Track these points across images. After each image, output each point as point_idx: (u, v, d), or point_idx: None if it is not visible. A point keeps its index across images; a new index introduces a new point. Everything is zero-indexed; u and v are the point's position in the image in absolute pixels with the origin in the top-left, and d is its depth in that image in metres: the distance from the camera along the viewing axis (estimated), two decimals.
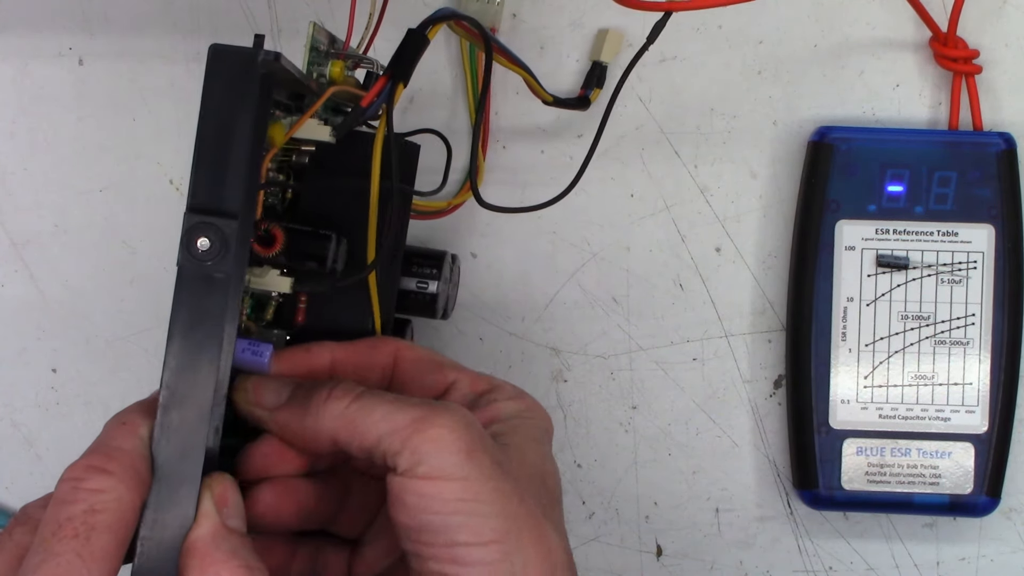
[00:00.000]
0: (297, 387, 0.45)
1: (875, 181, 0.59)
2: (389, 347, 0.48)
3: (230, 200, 0.41)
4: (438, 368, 0.48)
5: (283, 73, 0.42)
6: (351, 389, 0.44)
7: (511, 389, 0.48)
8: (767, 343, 0.62)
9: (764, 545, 0.62)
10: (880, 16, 0.61)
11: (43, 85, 0.62)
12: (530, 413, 0.47)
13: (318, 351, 0.48)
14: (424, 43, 0.49)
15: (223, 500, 0.42)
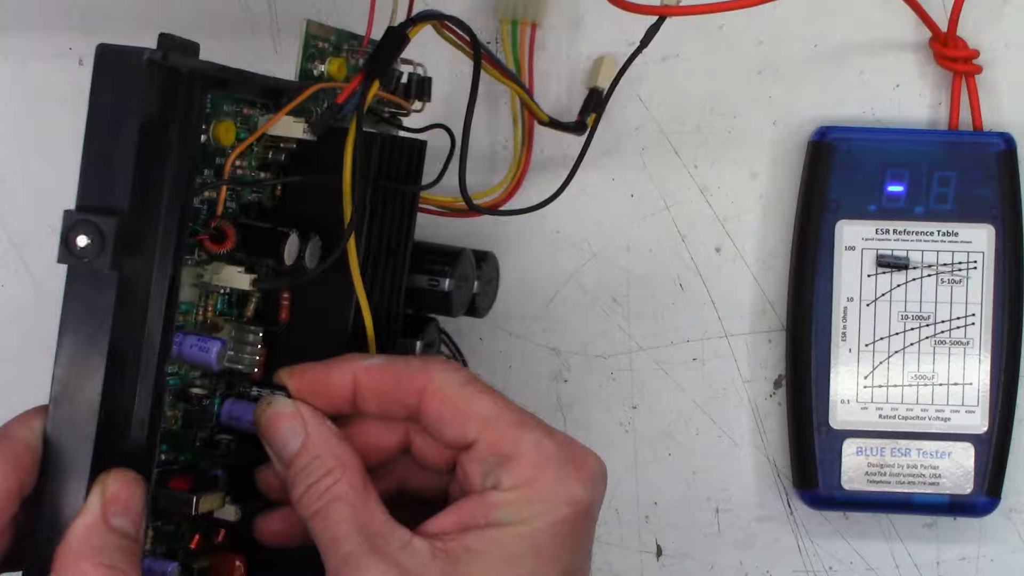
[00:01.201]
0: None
1: (875, 181, 0.59)
2: (418, 382, 0.45)
3: (114, 199, 0.41)
4: (462, 419, 0.44)
5: (188, 71, 0.43)
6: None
7: (529, 463, 0.43)
8: (767, 343, 0.62)
9: (764, 545, 0.62)
10: (880, 16, 0.61)
11: (43, 85, 0.62)
12: (533, 511, 0.42)
13: (339, 374, 0.46)
14: (403, 42, 0.49)
15: (114, 498, 0.41)
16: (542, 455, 0.43)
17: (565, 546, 0.43)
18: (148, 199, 0.42)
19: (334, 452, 0.44)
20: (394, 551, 0.42)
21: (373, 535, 0.42)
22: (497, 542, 0.42)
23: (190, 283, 0.46)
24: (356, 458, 0.44)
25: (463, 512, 0.43)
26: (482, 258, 0.56)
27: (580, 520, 0.43)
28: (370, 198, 0.49)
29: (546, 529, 0.42)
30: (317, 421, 0.45)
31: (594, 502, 0.44)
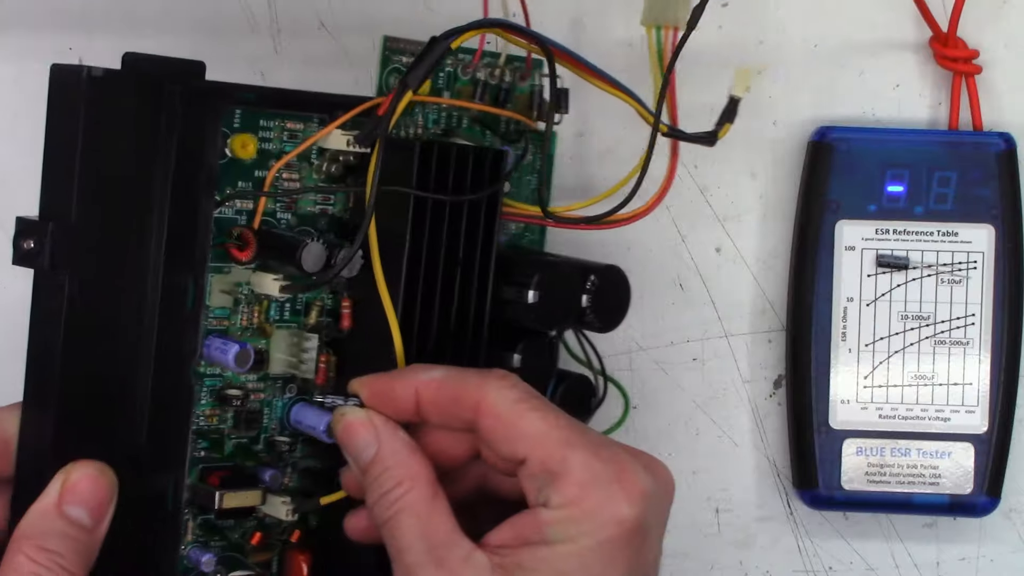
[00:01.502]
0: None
1: (875, 181, 0.59)
2: (473, 397, 0.45)
3: (61, 207, 0.45)
4: (513, 437, 0.45)
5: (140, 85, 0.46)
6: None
7: (577, 482, 0.43)
8: (767, 343, 0.62)
9: (764, 545, 0.62)
10: (880, 16, 0.61)
11: (43, 85, 0.62)
12: (580, 530, 0.43)
13: (402, 386, 0.47)
14: (445, 52, 0.49)
15: (72, 487, 0.43)
16: (588, 474, 0.43)
17: (615, 565, 0.43)
18: (111, 207, 0.45)
19: (404, 463, 0.45)
20: (455, 563, 0.43)
21: (436, 546, 0.44)
22: (547, 560, 0.43)
23: (220, 290, 0.48)
24: (426, 469, 0.45)
25: (519, 527, 0.44)
26: (596, 271, 0.54)
27: (629, 538, 0.43)
28: (412, 208, 0.49)
29: (594, 548, 0.43)
30: (389, 431, 0.46)
31: (644, 519, 0.43)
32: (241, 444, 0.50)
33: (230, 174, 0.48)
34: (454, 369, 0.47)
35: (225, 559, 0.50)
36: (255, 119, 0.49)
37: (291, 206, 0.50)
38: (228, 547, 0.50)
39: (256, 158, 0.49)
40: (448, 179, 0.50)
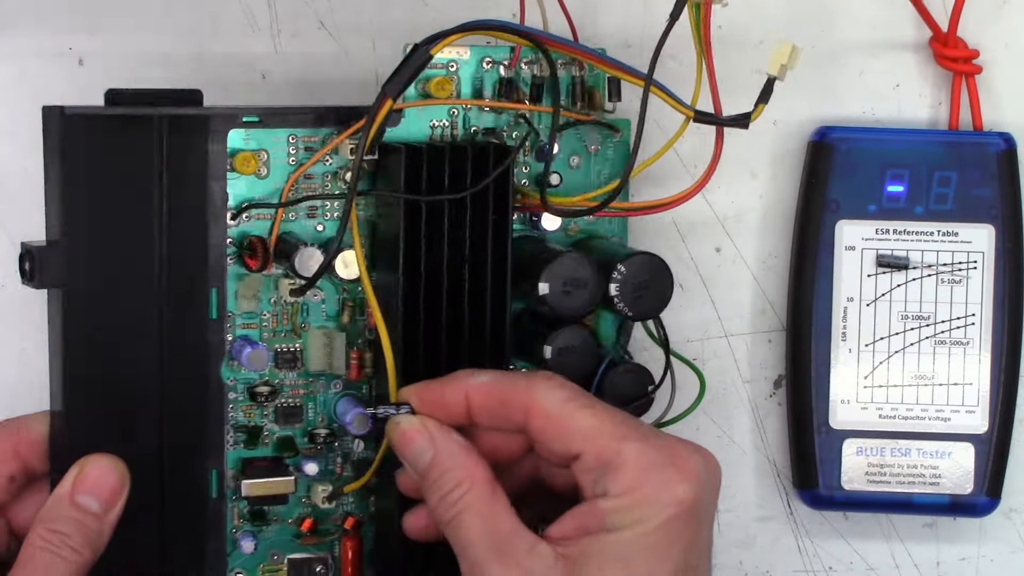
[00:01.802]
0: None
1: (875, 181, 0.59)
2: (523, 400, 0.47)
3: (52, 232, 0.51)
4: (566, 435, 0.46)
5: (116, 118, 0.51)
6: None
7: (633, 470, 0.45)
8: (767, 343, 0.62)
9: (764, 545, 0.62)
10: (880, 16, 0.61)
11: (43, 85, 0.62)
12: (641, 514, 0.45)
13: (452, 392, 0.48)
14: (426, 60, 0.50)
15: (83, 478, 0.49)
16: (643, 462, 0.45)
17: (676, 545, 0.45)
18: (106, 230, 0.51)
19: (462, 464, 0.47)
20: (520, 556, 0.45)
21: (500, 541, 0.45)
22: (611, 545, 0.45)
23: (244, 296, 0.54)
24: (483, 468, 0.47)
25: (579, 518, 0.46)
26: (624, 260, 0.54)
27: (688, 518, 0.45)
28: (404, 212, 0.51)
29: (655, 530, 0.45)
30: (444, 435, 0.48)
31: (700, 499, 0.45)
32: (284, 437, 0.55)
33: (246, 190, 0.54)
34: (502, 373, 0.49)
35: (282, 543, 0.55)
36: (266, 135, 0.53)
37: (313, 214, 0.54)
38: (281, 532, 0.55)
39: (267, 174, 0.54)
40: (444, 180, 0.51)
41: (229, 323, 0.54)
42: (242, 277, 0.54)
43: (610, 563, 0.45)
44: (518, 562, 0.45)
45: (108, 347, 0.52)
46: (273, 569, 0.56)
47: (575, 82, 0.56)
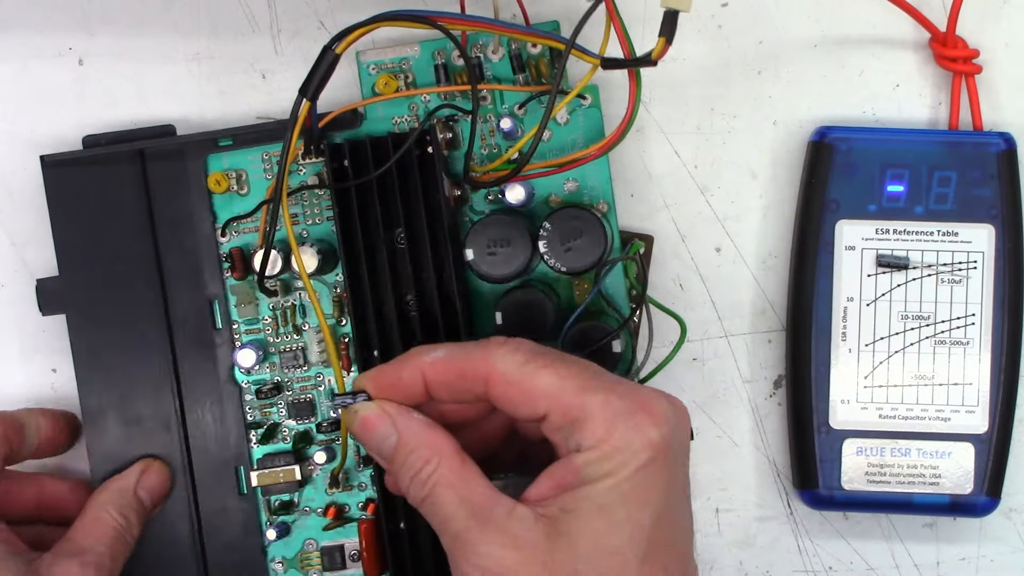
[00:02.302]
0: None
1: (875, 181, 0.59)
2: (480, 370, 0.47)
3: (56, 268, 0.59)
4: (529, 398, 0.46)
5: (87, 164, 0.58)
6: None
7: (601, 422, 0.45)
8: (767, 343, 0.62)
9: (764, 545, 0.62)
10: (880, 16, 0.61)
11: (43, 85, 0.62)
12: (615, 463, 0.45)
13: (408, 372, 0.48)
14: (335, 60, 0.52)
15: (147, 477, 0.57)
16: (610, 412, 0.45)
17: (653, 489, 0.45)
18: (96, 260, 0.58)
19: (426, 442, 0.47)
20: (500, 520, 0.45)
21: (478, 509, 0.45)
22: (588, 497, 0.45)
23: (244, 304, 0.59)
24: (449, 441, 0.47)
25: (555, 476, 0.46)
26: (548, 216, 0.55)
27: (662, 460, 0.45)
28: (335, 202, 0.55)
29: (631, 476, 0.45)
30: (404, 416, 0.48)
31: (669, 441, 0.45)
32: (300, 431, 0.59)
33: (230, 208, 0.59)
34: (455, 345, 0.48)
35: (316, 532, 0.59)
36: (241, 156, 0.59)
37: (296, 221, 0.59)
38: (313, 521, 0.59)
39: (248, 192, 0.59)
40: (368, 168, 0.55)
41: (236, 331, 0.59)
42: (233, 287, 0.59)
43: (590, 515, 0.44)
44: (499, 527, 0.45)
45: (118, 365, 0.58)
46: (309, 557, 0.59)
47: (529, 58, 0.58)
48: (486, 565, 0.45)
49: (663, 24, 0.50)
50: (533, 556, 0.44)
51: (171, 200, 0.58)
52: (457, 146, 0.58)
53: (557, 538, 0.44)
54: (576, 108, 0.58)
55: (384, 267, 0.55)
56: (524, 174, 0.55)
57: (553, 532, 0.45)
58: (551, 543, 0.44)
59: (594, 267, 0.55)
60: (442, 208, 0.55)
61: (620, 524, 0.45)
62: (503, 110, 0.58)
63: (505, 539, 0.45)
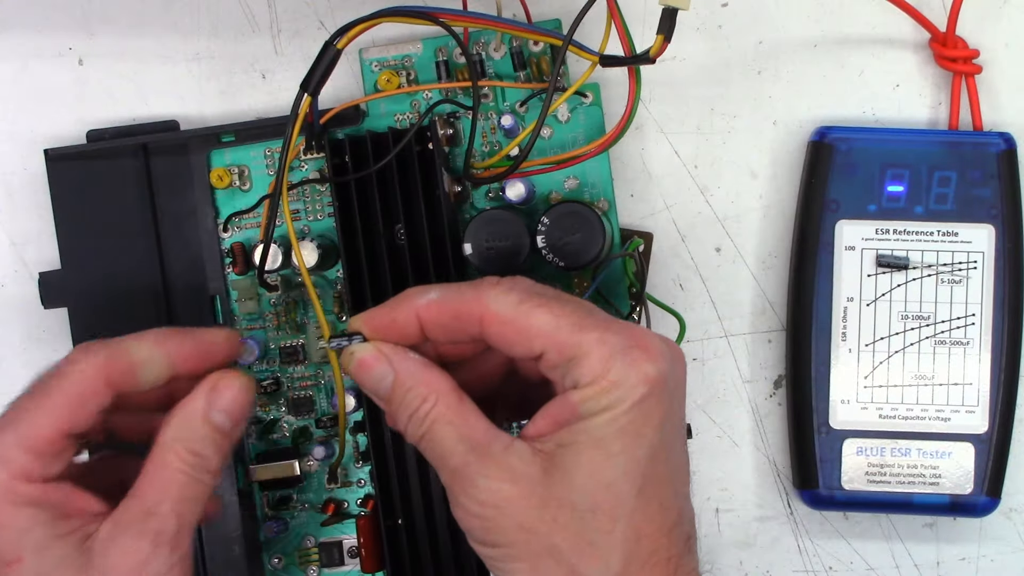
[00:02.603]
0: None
1: (875, 181, 0.59)
2: (475, 311, 0.47)
3: (62, 259, 0.59)
4: (525, 338, 0.46)
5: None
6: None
7: (598, 358, 0.45)
8: (767, 343, 0.62)
9: (764, 545, 0.62)
10: (880, 16, 0.61)
11: (43, 85, 0.62)
12: (612, 398, 0.45)
13: (403, 313, 0.48)
14: (336, 56, 0.52)
15: (216, 395, 0.48)
16: (606, 349, 0.45)
17: (649, 423, 0.45)
18: (98, 254, 0.58)
19: (423, 380, 0.47)
20: (498, 455, 0.45)
21: (477, 444, 0.45)
22: (584, 432, 0.45)
23: (246, 299, 0.59)
24: (446, 379, 0.47)
25: (552, 413, 0.46)
26: (547, 211, 0.55)
27: (659, 395, 0.45)
28: (335, 196, 0.55)
29: (628, 411, 0.45)
30: (400, 356, 0.47)
31: (665, 376, 0.45)
32: (300, 427, 0.59)
33: (232, 204, 0.59)
34: (449, 286, 0.48)
35: (314, 528, 0.59)
36: (243, 151, 0.59)
37: (297, 217, 0.59)
38: (311, 518, 0.59)
39: (250, 187, 0.59)
40: (369, 164, 0.55)
41: (237, 326, 0.59)
42: (234, 282, 0.59)
43: (586, 449, 0.45)
44: (496, 462, 0.45)
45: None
46: (307, 553, 0.59)
47: (530, 56, 0.59)
48: (483, 498, 0.45)
49: (661, 22, 0.50)
50: (530, 489, 0.45)
51: (174, 195, 0.58)
52: (458, 143, 0.58)
53: (553, 472, 0.45)
54: (577, 106, 0.58)
55: (384, 263, 0.55)
56: (524, 171, 0.55)
57: (550, 466, 0.45)
58: (548, 477, 0.45)
59: (592, 263, 0.55)
60: (442, 204, 0.55)
61: (615, 457, 0.45)
62: (504, 107, 0.58)
63: (502, 473, 0.45)
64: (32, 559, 0.46)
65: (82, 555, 0.46)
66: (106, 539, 0.46)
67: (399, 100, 0.59)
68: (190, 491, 0.47)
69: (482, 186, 0.58)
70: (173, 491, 0.47)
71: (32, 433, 0.47)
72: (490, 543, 0.45)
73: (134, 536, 0.46)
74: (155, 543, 0.46)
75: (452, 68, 0.58)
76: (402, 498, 0.55)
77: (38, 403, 0.47)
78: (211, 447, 0.48)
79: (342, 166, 0.55)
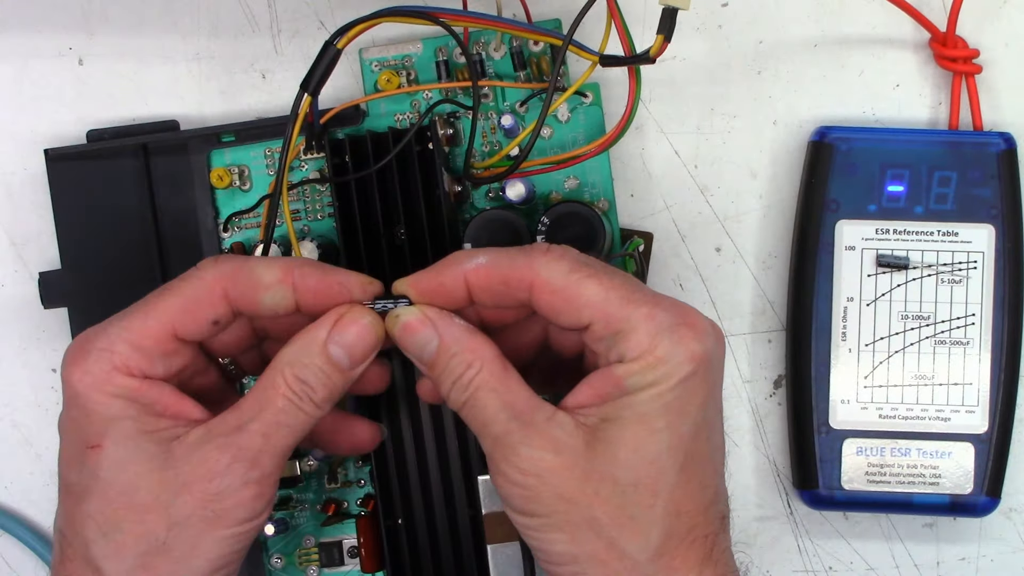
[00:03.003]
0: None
1: (875, 181, 0.59)
2: (525, 277, 0.46)
3: (62, 258, 0.59)
4: (574, 308, 0.46)
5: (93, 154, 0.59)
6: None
7: (646, 333, 0.45)
8: (767, 343, 0.62)
9: (764, 545, 0.62)
10: (880, 16, 0.61)
11: (43, 85, 0.62)
12: (658, 374, 0.45)
13: (451, 278, 0.47)
14: (336, 55, 0.52)
15: (340, 329, 0.47)
16: (654, 325, 0.45)
17: (693, 401, 0.45)
18: (99, 253, 0.58)
19: (468, 346, 0.46)
20: (541, 424, 0.45)
21: (519, 412, 0.45)
22: (629, 406, 0.45)
23: None
24: (491, 346, 0.47)
25: (596, 385, 0.46)
26: (547, 211, 0.55)
27: (704, 374, 0.46)
28: (335, 196, 0.55)
29: (673, 388, 0.45)
30: (446, 321, 0.47)
31: (710, 355, 0.46)
32: None
33: (232, 203, 0.59)
34: (498, 251, 0.47)
35: (314, 528, 0.59)
36: (243, 151, 0.59)
37: (297, 218, 0.59)
38: (312, 518, 0.59)
39: (250, 187, 0.59)
40: (369, 163, 0.55)
41: None
42: None
43: (630, 424, 0.45)
44: (539, 431, 0.45)
45: None
46: (308, 552, 0.59)
47: (531, 56, 0.59)
48: (525, 467, 0.45)
49: (661, 21, 0.50)
50: (573, 461, 0.45)
51: (174, 195, 0.58)
52: (459, 143, 0.58)
53: (596, 445, 0.45)
54: (577, 106, 0.58)
55: (384, 263, 0.55)
56: (524, 170, 0.55)
57: (592, 439, 0.45)
58: (590, 450, 0.45)
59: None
60: (442, 204, 0.55)
61: (660, 432, 0.45)
62: (504, 107, 0.58)
63: (545, 442, 0.45)
64: (112, 447, 0.46)
65: (164, 453, 0.46)
66: (192, 443, 0.46)
67: (399, 100, 0.59)
68: (286, 417, 0.46)
69: (482, 186, 0.58)
70: (268, 412, 0.46)
71: (138, 328, 0.47)
72: (529, 512, 0.45)
73: (216, 447, 0.46)
74: (234, 458, 0.46)
75: (452, 68, 0.58)
76: (402, 498, 0.55)
77: (154, 303, 0.47)
78: (321, 379, 0.47)
79: (342, 166, 0.55)
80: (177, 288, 0.47)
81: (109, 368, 0.46)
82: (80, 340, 0.47)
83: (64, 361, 0.47)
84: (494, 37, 0.58)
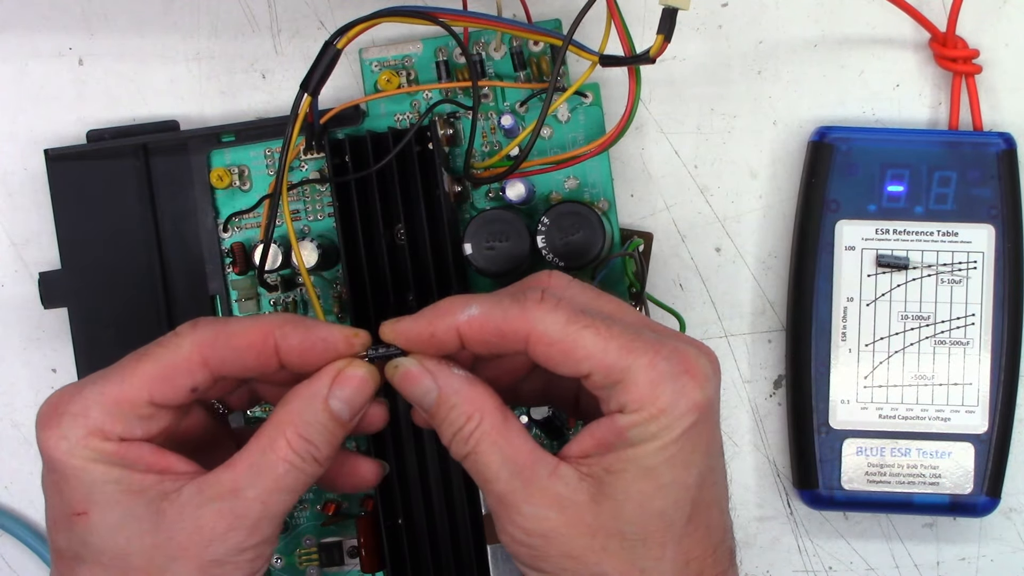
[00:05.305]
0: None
1: (875, 181, 0.59)
2: (520, 330, 0.45)
3: (62, 259, 0.59)
4: (572, 360, 0.45)
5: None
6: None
7: (647, 384, 0.44)
8: (767, 343, 0.62)
9: (764, 545, 0.62)
10: (880, 16, 0.61)
11: (43, 85, 0.62)
12: (661, 426, 0.44)
13: (443, 330, 0.46)
14: (336, 55, 0.52)
15: (341, 383, 0.46)
16: (654, 374, 0.44)
17: (698, 450, 0.45)
18: (99, 253, 0.58)
19: (468, 398, 0.46)
20: (544, 481, 0.45)
21: (522, 469, 0.45)
22: (635, 460, 0.44)
23: (245, 298, 0.59)
24: (491, 397, 0.46)
25: (598, 434, 0.45)
26: (547, 211, 0.55)
27: (705, 422, 0.45)
28: (336, 196, 0.55)
29: (677, 439, 0.44)
30: (444, 372, 0.47)
31: (712, 400, 0.45)
32: None
33: (233, 204, 0.59)
34: (490, 300, 0.46)
35: (314, 529, 0.59)
36: (243, 151, 0.59)
37: (297, 217, 0.59)
38: (311, 518, 0.59)
39: (250, 188, 0.59)
40: (369, 164, 0.55)
41: None
42: (234, 282, 0.59)
43: (636, 478, 0.44)
44: (542, 488, 0.45)
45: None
46: (308, 553, 0.59)
47: (531, 56, 0.59)
48: (530, 527, 0.45)
49: (661, 21, 0.50)
50: (578, 517, 0.44)
51: (174, 195, 0.58)
52: (458, 143, 0.58)
53: (602, 500, 0.44)
54: (577, 106, 0.58)
55: (384, 263, 0.55)
56: (524, 171, 0.55)
57: (598, 494, 0.45)
58: (596, 505, 0.44)
59: (592, 262, 0.55)
60: (442, 204, 0.55)
61: (666, 487, 0.44)
62: (504, 107, 0.58)
63: (549, 500, 0.45)
64: (99, 514, 0.45)
65: (155, 515, 0.45)
66: (185, 503, 0.45)
67: (399, 100, 0.59)
68: (287, 481, 0.45)
69: (482, 186, 0.58)
70: (268, 478, 0.45)
71: (113, 393, 0.45)
72: (537, 568, 0.45)
73: (213, 512, 0.45)
74: (231, 526, 0.45)
75: (452, 68, 0.58)
76: (402, 498, 0.55)
77: (131, 368, 0.46)
78: (324, 436, 0.46)
79: (342, 166, 0.55)
80: (154, 354, 0.46)
81: (85, 433, 0.45)
82: (53, 402, 0.46)
83: (37, 423, 0.45)
84: (494, 37, 0.58)
